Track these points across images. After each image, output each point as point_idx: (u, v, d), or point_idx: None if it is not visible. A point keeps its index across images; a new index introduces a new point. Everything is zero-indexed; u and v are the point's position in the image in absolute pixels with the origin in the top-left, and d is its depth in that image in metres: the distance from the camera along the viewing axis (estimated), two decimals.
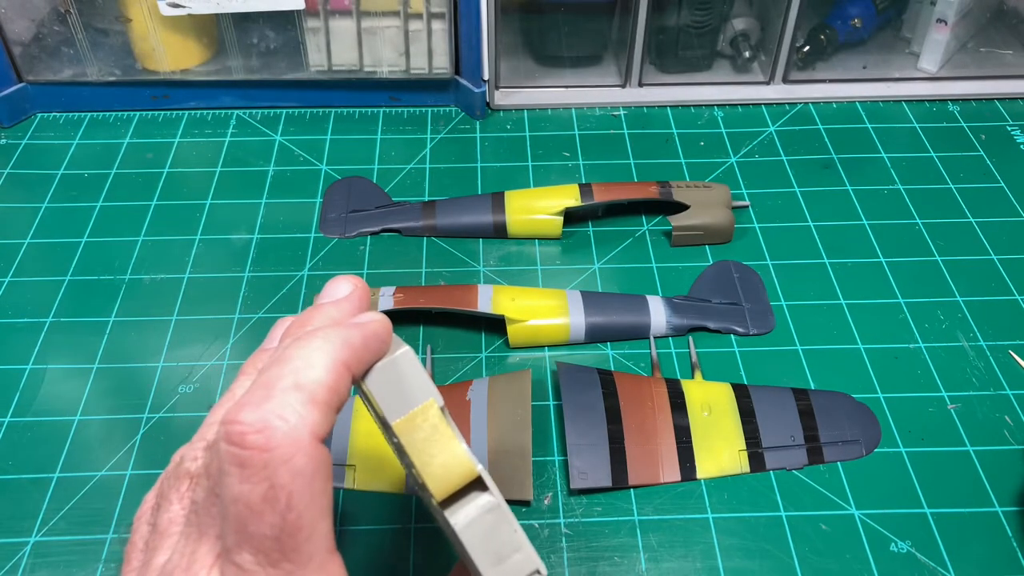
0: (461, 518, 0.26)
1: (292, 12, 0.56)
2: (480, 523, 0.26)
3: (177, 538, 0.24)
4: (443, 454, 0.26)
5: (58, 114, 0.61)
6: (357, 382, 0.26)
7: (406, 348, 0.27)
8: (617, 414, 0.41)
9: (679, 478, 0.40)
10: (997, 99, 0.62)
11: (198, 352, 0.46)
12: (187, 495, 0.24)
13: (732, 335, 0.46)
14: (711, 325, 0.46)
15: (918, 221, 0.53)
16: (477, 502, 0.26)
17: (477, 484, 0.26)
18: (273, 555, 0.22)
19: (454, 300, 0.46)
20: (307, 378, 0.23)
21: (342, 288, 0.28)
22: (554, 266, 0.50)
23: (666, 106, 0.62)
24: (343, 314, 0.27)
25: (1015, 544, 0.38)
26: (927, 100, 0.62)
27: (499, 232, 0.52)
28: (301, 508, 0.22)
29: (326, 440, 0.24)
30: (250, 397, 0.23)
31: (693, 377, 0.44)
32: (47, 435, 0.42)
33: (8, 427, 0.42)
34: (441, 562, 0.37)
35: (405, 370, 0.26)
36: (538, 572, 0.26)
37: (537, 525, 0.38)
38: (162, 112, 0.61)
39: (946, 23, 0.61)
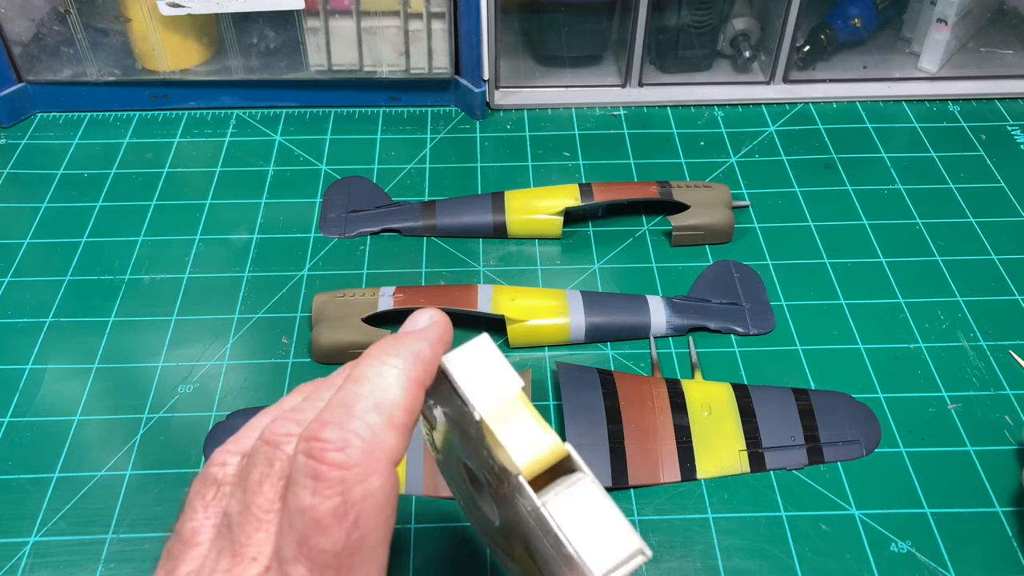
0: (552, 498, 0.24)
1: (292, 12, 0.56)
2: (574, 502, 0.24)
3: (206, 548, 0.23)
4: (530, 433, 0.25)
5: (58, 114, 0.61)
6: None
7: (484, 334, 0.26)
8: (617, 414, 0.41)
9: (679, 478, 0.40)
10: (997, 99, 0.62)
11: (198, 352, 0.46)
12: (212, 504, 0.24)
13: (732, 335, 0.46)
14: (711, 325, 0.46)
15: (918, 221, 0.53)
16: (568, 480, 0.25)
17: (565, 465, 0.25)
18: (328, 572, 0.22)
19: (454, 300, 0.46)
20: (385, 399, 0.24)
21: (421, 321, 0.28)
22: (554, 266, 0.50)
23: (666, 106, 0.62)
24: (426, 343, 0.27)
25: (1015, 544, 0.38)
26: (927, 100, 0.62)
27: (499, 232, 0.52)
28: (366, 529, 0.22)
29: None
30: (330, 415, 0.23)
31: (693, 377, 0.44)
32: (47, 435, 0.42)
33: (8, 427, 0.42)
34: (441, 563, 0.37)
35: (486, 353, 0.26)
36: (642, 553, 0.24)
37: None
38: (162, 112, 0.61)
39: (946, 23, 0.61)
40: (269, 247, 0.51)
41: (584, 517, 0.24)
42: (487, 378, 0.26)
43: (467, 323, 0.47)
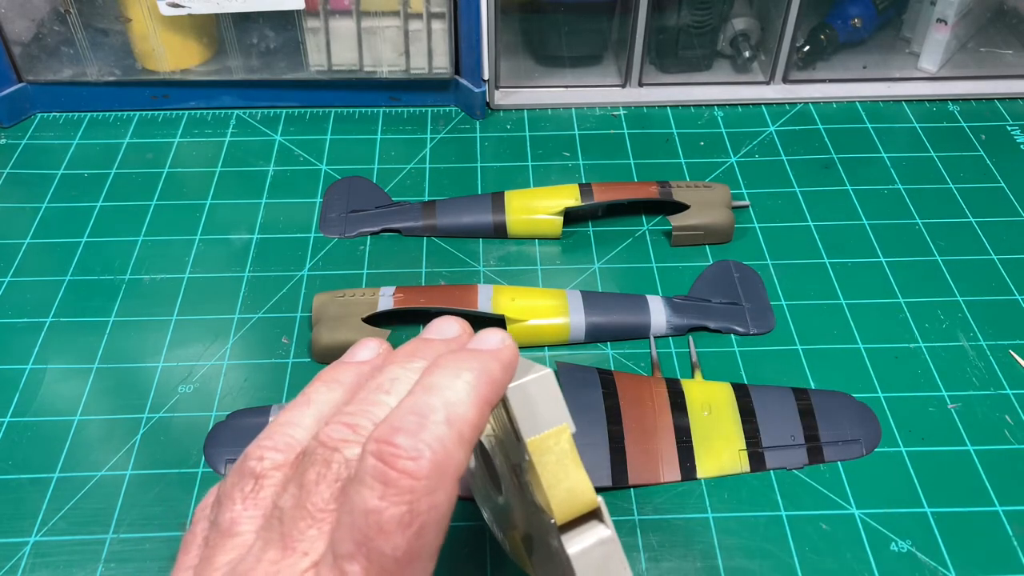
0: (575, 544, 0.26)
1: (292, 12, 0.56)
2: (593, 553, 0.26)
3: (248, 538, 0.24)
4: (569, 479, 0.26)
5: (58, 114, 0.61)
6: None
7: (548, 370, 0.27)
8: (617, 414, 0.41)
9: (679, 478, 0.40)
10: (997, 99, 0.62)
11: (198, 352, 0.46)
12: (251, 496, 0.24)
13: (732, 335, 0.46)
14: (711, 325, 0.46)
15: (918, 221, 0.53)
16: (593, 532, 0.26)
17: (594, 515, 0.27)
18: (383, 575, 0.22)
19: (454, 300, 0.46)
20: (457, 414, 0.24)
21: (451, 328, 0.29)
22: (554, 266, 0.50)
23: (666, 106, 0.62)
24: (498, 365, 0.27)
25: (1015, 543, 0.38)
26: (927, 100, 0.62)
27: (499, 232, 0.52)
28: (427, 539, 0.23)
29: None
30: (402, 422, 0.23)
31: (693, 377, 0.44)
32: (47, 435, 0.42)
33: (8, 427, 0.42)
34: (441, 563, 0.37)
35: (547, 391, 0.27)
36: None
37: None
38: (162, 112, 0.61)
39: (946, 23, 0.61)
40: (269, 247, 0.51)
41: (601, 569, 0.26)
42: (544, 415, 0.27)
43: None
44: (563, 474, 0.26)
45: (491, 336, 0.27)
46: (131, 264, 0.50)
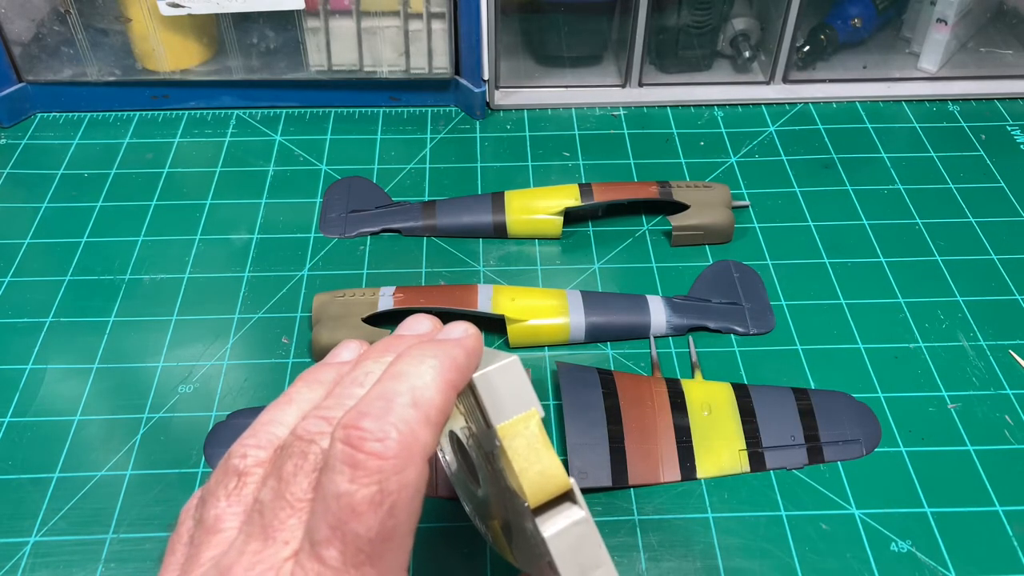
0: (550, 527, 0.26)
1: (292, 12, 0.56)
2: (568, 534, 0.26)
3: (232, 534, 0.24)
4: (541, 462, 0.27)
5: (58, 114, 0.61)
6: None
7: (515, 357, 0.28)
8: (617, 414, 0.41)
9: (679, 478, 0.40)
10: (997, 99, 0.62)
11: (198, 352, 0.46)
12: (235, 493, 0.25)
13: (732, 335, 0.46)
14: (711, 325, 0.46)
15: (918, 221, 0.53)
16: (567, 513, 0.27)
17: (567, 497, 0.27)
18: (360, 556, 0.22)
19: (454, 300, 0.46)
20: (423, 397, 0.25)
21: (423, 325, 0.30)
22: (554, 266, 0.50)
23: (666, 106, 0.62)
24: (462, 351, 0.28)
25: (1016, 543, 0.38)
26: (927, 100, 0.62)
27: (499, 232, 0.52)
28: (400, 518, 0.23)
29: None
30: (369, 407, 0.24)
31: (693, 377, 0.44)
32: (47, 435, 0.42)
33: (8, 427, 0.42)
34: (440, 563, 0.37)
35: (514, 378, 0.27)
36: None
37: None
38: (162, 112, 0.61)
39: (946, 23, 0.61)
40: (269, 247, 0.51)
41: (577, 550, 0.27)
42: (512, 401, 0.27)
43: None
44: (534, 457, 0.27)
45: (455, 327, 0.28)
46: (131, 264, 0.50)
